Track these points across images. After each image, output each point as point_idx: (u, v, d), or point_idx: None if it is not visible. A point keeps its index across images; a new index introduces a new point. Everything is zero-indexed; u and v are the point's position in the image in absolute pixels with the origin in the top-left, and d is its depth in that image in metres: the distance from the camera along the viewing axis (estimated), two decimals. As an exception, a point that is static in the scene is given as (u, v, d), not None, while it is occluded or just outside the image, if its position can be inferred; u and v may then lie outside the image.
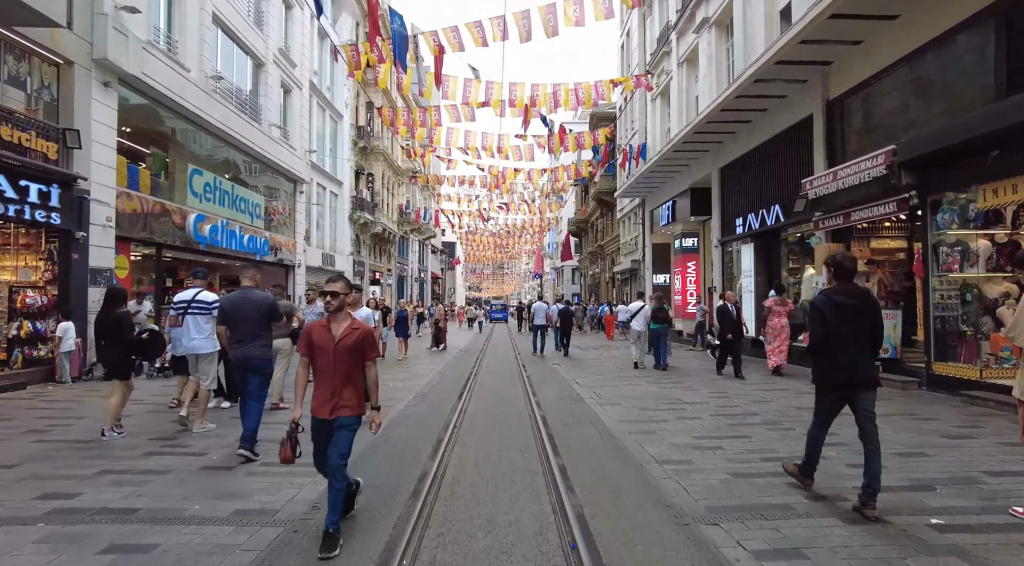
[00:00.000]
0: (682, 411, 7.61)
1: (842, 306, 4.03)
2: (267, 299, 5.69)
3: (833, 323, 4.01)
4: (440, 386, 10.18)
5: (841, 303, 4.04)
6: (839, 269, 4.17)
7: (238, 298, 5.58)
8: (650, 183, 22.90)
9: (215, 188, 16.33)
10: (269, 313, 5.62)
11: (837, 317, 4.01)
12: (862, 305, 4.07)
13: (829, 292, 4.16)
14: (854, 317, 4.03)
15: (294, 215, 22.53)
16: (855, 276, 4.24)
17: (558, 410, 7.70)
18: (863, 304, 4.08)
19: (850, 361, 4.00)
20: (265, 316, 5.57)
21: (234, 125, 16.66)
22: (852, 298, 4.07)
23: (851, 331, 4.01)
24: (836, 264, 4.19)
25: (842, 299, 4.05)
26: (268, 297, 5.78)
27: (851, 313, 4.02)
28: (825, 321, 4.04)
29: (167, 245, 14.20)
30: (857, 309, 4.04)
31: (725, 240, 16.84)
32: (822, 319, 4.05)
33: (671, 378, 10.91)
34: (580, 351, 17.74)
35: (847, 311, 4.02)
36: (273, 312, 5.68)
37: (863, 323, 4.04)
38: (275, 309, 5.73)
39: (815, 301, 4.19)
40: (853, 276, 4.20)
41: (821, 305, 4.09)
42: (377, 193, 33.99)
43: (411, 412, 7.59)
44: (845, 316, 4.02)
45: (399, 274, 42.70)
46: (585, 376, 11.36)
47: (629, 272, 28.41)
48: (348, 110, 30.58)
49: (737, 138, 15.66)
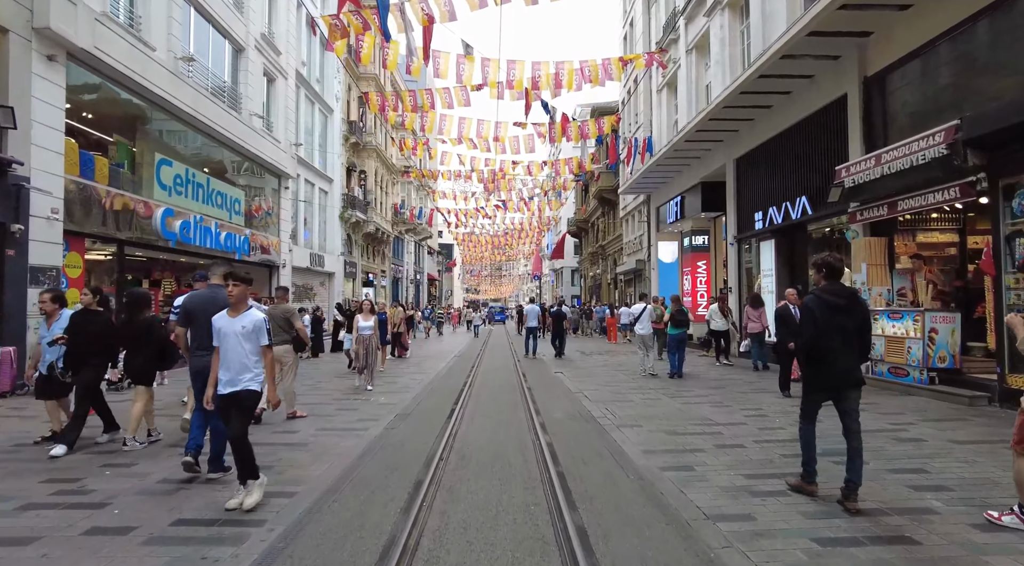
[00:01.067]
0: (717, 436, 6.30)
1: (832, 306, 4.09)
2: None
3: (823, 323, 4.07)
4: (428, 403, 8.85)
5: (831, 303, 4.10)
6: (829, 269, 4.23)
7: (205, 297, 4.96)
8: (656, 178, 21.62)
9: (187, 181, 14.99)
10: None
11: (827, 317, 4.08)
12: (851, 305, 4.12)
13: (819, 292, 4.21)
14: (843, 317, 4.08)
15: (279, 212, 21.19)
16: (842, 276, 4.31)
17: (568, 436, 6.38)
18: (851, 304, 4.13)
19: (839, 360, 4.07)
20: None
21: (209, 112, 15.33)
22: (841, 298, 4.12)
23: (840, 331, 4.07)
24: (826, 265, 4.26)
25: (831, 299, 4.11)
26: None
27: (840, 313, 4.08)
28: (815, 321, 4.09)
29: (130, 242, 12.86)
30: (846, 309, 4.10)
31: (742, 236, 15.56)
32: (812, 319, 4.10)
33: (691, 390, 9.60)
34: (584, 357, 16.43)
35: (836, 311, 4.08)
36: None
37: (851, 323, 4.09)
38: None
39: (805, 301, 4.27)
40: (841, 276, 4.27)
41: (811, 305, 4.16)
42: (370, 191, 32.66)
43: (387, 440, 6.26)
44: (834, 316, 4.07)
45: (394, 275, 41.35)
46: (594, 388, 10.05)
47: (633, 273, 27.11)
48: (339, 104, 29.26)
49: (755, 126, 14.38)
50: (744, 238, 15.52)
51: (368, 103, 14.88)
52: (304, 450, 5.80)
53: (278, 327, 7.29)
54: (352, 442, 6.10)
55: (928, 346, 8.48)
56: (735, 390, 9.56)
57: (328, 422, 7.19)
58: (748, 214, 15.11)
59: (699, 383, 10.51)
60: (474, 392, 9.73)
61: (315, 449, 5.83)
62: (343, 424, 7.06)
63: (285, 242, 21.45)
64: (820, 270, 4.30)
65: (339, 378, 11.47)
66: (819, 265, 4.32)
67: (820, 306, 4.11)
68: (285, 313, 7.51)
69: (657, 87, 23.39)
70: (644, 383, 10.61)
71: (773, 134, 13.60)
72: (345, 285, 30.48)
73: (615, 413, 7.60)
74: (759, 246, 14.78)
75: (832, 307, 4.09)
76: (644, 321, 12.24)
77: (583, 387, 10.11)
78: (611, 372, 12.60)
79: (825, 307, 4.09)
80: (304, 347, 7.70)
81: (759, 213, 14.37)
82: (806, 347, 4.16)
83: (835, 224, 12.04)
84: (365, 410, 8.02)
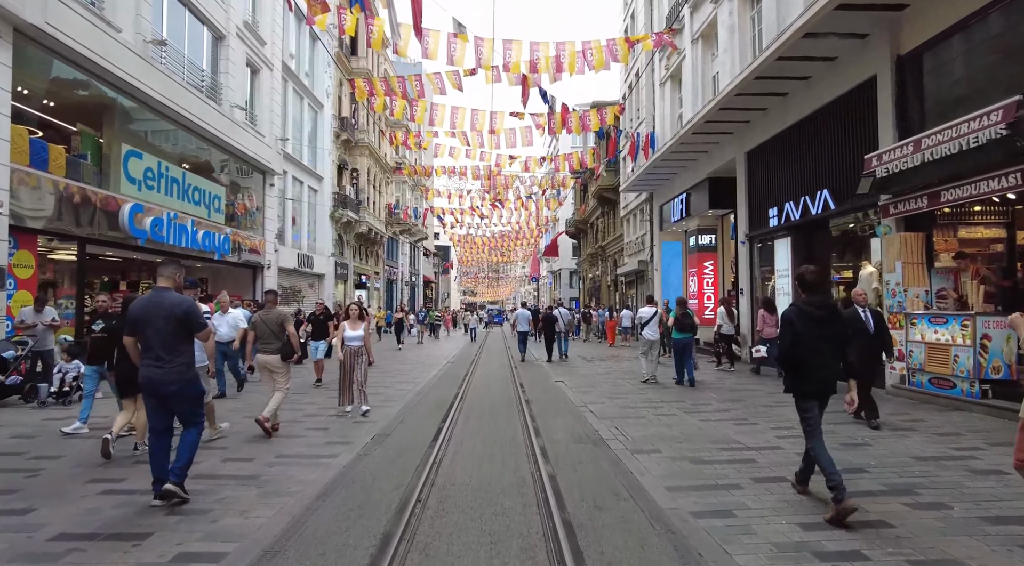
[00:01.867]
0: (751, 464, 5.29)
1: (811, 317, 4.20)
2: (182, 304, 4.41)
3: (803, 333, 4.17)
4: (412, 420, 7.82)
5: (810, 314, 4.21)
6: (803, 283, 4.39)
7: (148, 302, 4.41)
8: (660, 175, 20.63)
9: (160, 175, 13.95)
10: (186, 322, 4.38)
11: (807, 327, 4.18)
12: (830, 316, 4.25)
13: (799, 303, 4.33)
14: (823, 327, 4.19)
15: (264, 210, 20.15)
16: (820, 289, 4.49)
17: (575, 467, 5.35)
18: (831, 315, 4.26)
19: (821, 368, 4.18)
20: (180, 326, 4.35)
21: (184, 102, 14.29)
22: (820, 309, 4.23)
23: (820, 340, 4.18)
24: (799, 278, 4.43)
25: (811, 310, 4.22)
26: (185, 301, 4.48)
27: (820, 323, 4.19)
28: (796, 331, 4.20)
29: (94, 240, 11.82)
30: (825, 320, 4.21)
31: (755, 235, 14.56)
32: (792, 329, 4.22)
33: (708, 403, 8.59)
34: (586, 363, 15.41)
35: (816, 322, 4.19)
36: (191, 320, 4.41)
37: (830, 333, 4.21)
38: (193, 316, 4.43)
39: (786, 312, 4.38)
40: (819, 289, 4.41)
41: (791, 316, 4.27)
42: (362, 190, 31.64)
43: (356, 473, 5.23)
44: (814, 326, 4.18)
45: (388, 277, 40.31)
46: (599, 400, 9.03)
47: (635, 274, 26.12)
48: (329, 99, 28.25)
49: (769, 116, 13.40)
50: (757, 236, 14.53)
51: (355, 90, 13.85)
52: (254, 485, 4.76)
53: (270, 333, 6.90)
54: (314, 475, 5.06)
55: (980, 355, 7.48)
56: (756, 403, 8.55)
57: (291, 445, 6.16)
58: (761, 210, 14.11)
59: (714, 394, 9.50)
60: (466, 406, 8.70)
61: (267, 485, 4.79)
62: (308, 449, 6.03)
63: (270, 242, 20.42)
64: (799, 283, 4.45)
65: (317, 390, 10.42)
66: (796, 279, 4.51)
67: (800, 317, 4.23)
68: (278, 318, 7.05)
69: (660, 80, 22.43)
70: (655, 395, 9.59)
71: (789, 124, 12.62)
72: (336, 287, 29.44)
73: (627, 434, 6.58)
74: (773, 245, 13.78)
75: (812, 319, 4.20)
76: (653, 326, 11.47)
77: (587, 399, 9.09)
78: (616, 381, 11.58)
79: (806, 318, 4.21)
80: (292, 354, 7.02)
81: (773, 209, 13.38)
82: (786, 356, 4.27)
83: (860, 220, 11.06)
84: (338, 430, 6.99)
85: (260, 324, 6.97)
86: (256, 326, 7.03)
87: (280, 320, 6.95)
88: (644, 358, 11.72)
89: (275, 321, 6.93)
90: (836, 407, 5.03)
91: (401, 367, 14.72)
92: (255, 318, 7.22)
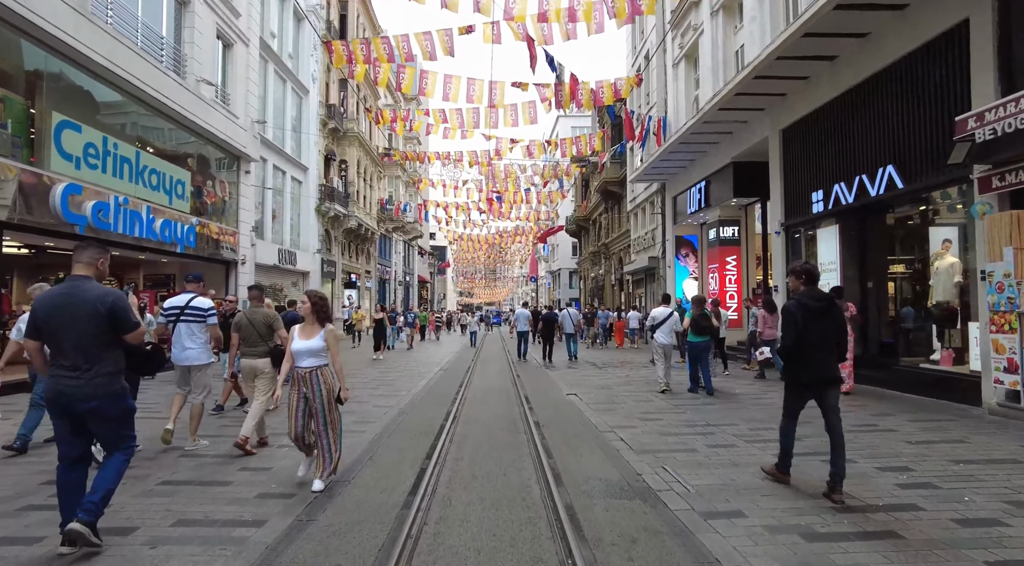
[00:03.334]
0: (898, 545, 3.40)
1: (812, 310, 4.35)
2: (106, 298, 3.49)
3: (804, 326, 4.30)
4: (384, 458, 5.92)
5: (811, 307, 4.36)
6: (808, 276, 4.55)
7: (59, 296, 3.48)
8: (674, 163, 18.80)
9: (106, 152, 12.00)
10: (110, 321, 3.47)
11: (807, 320, 4.31)
12: (829, 309, 4.39)
13: (800, 297, 4.47)
14: (822, 320, 4.33)
15: (238, 200, 18.22)
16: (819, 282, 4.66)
17: (628, 552, 3.45)
18: (830, 308, 4.40)
19: (819, 360, 4.32)
20: (104, 325, 3.46)
21: (135, 70, 12.37)
22: (820, 302, 4.42)
23: (820, 333, 4.32)
24: (805, 271, 4.58)
25: (812, 303, 4.38)
26: (110, 294, 3.55)
27: (819, 316, 4.33)
28: (797, 324, 4.32)
29: (12, 225, 9.89)
30: (825, 312, 4.36)
31: (793, 223, 12.71)
32: (795, 322, 4.34)
33: (766, 426, 6.70)
34: (598, 370, 13.52)
35: (816, 315, 4.33)
36: (117, 318, 3.49)
37: (830, 326, 4.35)
38: (120, 313, 3.50)
39: (788, 306, 4.51)
40: (818, 282, 4.63)
41: (794, 309, 4.40)
42: (351, 183, 29.71)
43: (314, 529, 3.33)
44: (814, 319, 4.32)
45: (380, 276, 38.37)
46: (629, 422, 7.16)
47: (644, 272, 24.25)
48: (316, 85, 26.35)
49: (811, 86, 11.58)
50: (795, 225, 12.68)
51: (331, 56, 11.96)
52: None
53: (257, 336, 6.19)
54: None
55: None
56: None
57: (201, 501, 4.25)
58: (801, 195, 12.26)
59: (757, 411, 7.60)
60: (458, 433, 6.79)
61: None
62: (226, 507, 4.12)
63: (246, 235, 18.49)
64: (800, 276, 4.57)
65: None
66: (798, 271, 4.61)
67: (801, 310, 4.35)
68: (265, 319, 6.32)
69: (673, 60, 20.60)
70: (695, 414, 7.69)
71: (840, 91, 10.78)
72: (324, 286, 27.50)
73: (683, 479, 4.69)
74: (815, 234, 11.94)
75: (812, 311, 4.34)
76: (666, 329, 10.04)
77: (613, 421, 7.19)
78: (640, 393, 9.69)
79: (806, 311, 4.34)
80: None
81: (818, 193, 11.53)
82: (789, 349, 4.38)
83: (936, 200, 9.23)
84: (282, 470, 5.08)
85: (246, 325, 6.18)
86: (241, 327, 6.21)
87: (268, 321, 6.25)
88: (658, 364, 10.23)
89: (262, 322, 6.21)
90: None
91: (384, 376, 12.80)
92: (239, 318, 6.37)
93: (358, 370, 13.69)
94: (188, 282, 6.37)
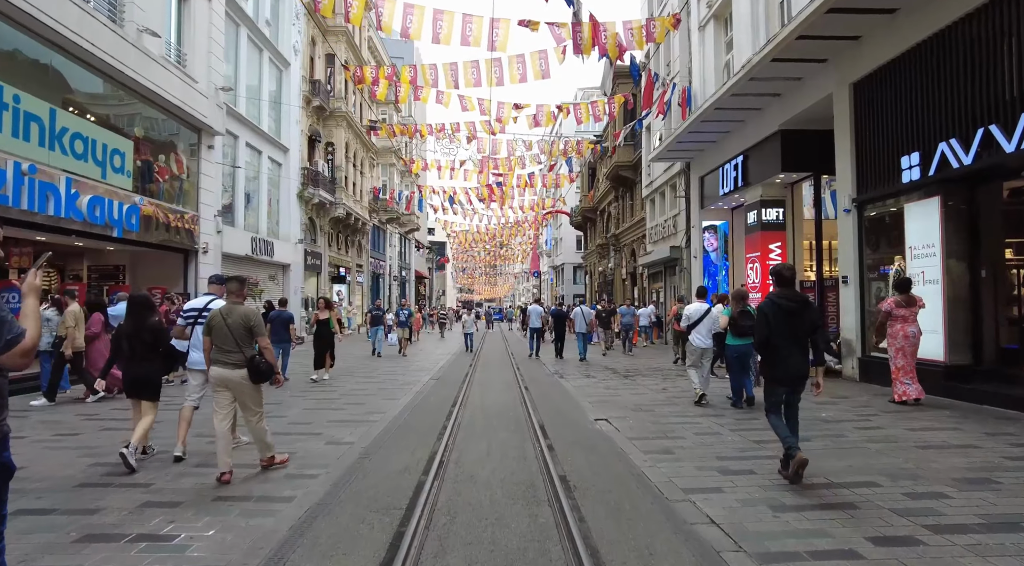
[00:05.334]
0: None
1: (785, 310, 4.51)
2: None
3: (776, 324, 4.49)
4: (375, 472, 3.42)
5: (784, 307, 4.52)
6: (779, 278, 4.69)
7: None
8: (703, 136, 16.27)
9: (2, 105, 9.47)
10: None
11: (780, 320, 4.50)
12: (801, 308, 4.55)
13: (773, 297, 4.63)
14: (794, 319, 4.51)
15: (198, 179, 15.69)
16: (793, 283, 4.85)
17: None
18: (802, 307, 4.56)
19: (792, 357, 4.50)
20: None
21: (45, 4, 9.83)
22: (793, 302, 4.57)
23: (791, 331, 4.51)
24: (775, 274, 4.72)
25: (785, 303, 4.54)
26: None
27: (791, 315, 4.51)
28: (769, 323, 4.51)
29: None
30: (796, 312, 4.51)
31: (870, 198, 10.20)
32: (766, 321, 4.53)
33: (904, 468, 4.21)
34: (622, 380, 11.02)
35: (789, 314, 4.51)
36: None
37: (802, 324, 4.53)
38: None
39: (760, 306, 4.68)
40: (792, 283, 4.79)
41: (765, 309, 4.57)
42: (339, 168, 27.18)
43: None
44: (787, 319, 4.50)
45: (374, 271, 35.88)
46: (702, 472, 4.76)
47: (663, 264, 21.73)
48: (298, 58, 23.81)
49: (898, 22, 9.08)
50: (873, 200, 10.15)
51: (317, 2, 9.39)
52: None
53: (232, 341, 4.84)
54: None
55: None
56: (945, 461, 4.19)
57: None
58: (883, 162, 9.75)
59: (895, 449, 5.10)
60: (445, 502, 4.29)
61: None
62: None
63: (209, 220, 15.98)
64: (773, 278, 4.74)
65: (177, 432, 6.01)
66: (772, 274, 4.77)
67: (773, 310, 4.52)
68: (246, 320, 4.92)
69: (699, 22, 18.03)
70: (758, 440, 5.17)
71: (942, 25, 8.28)
72: (308, 280, 25.02)
73: None
74: (902, 210, 9.41)
75: (786, 311, 4.50)
76: (703, 329, 8.37)
77: (678, 475, 4.71)
78: (694, 417, 7.18)
79: (779, 311, 4.51)
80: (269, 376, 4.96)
81: (910, 157, 9.01)
82: (761, 346, 4.60)
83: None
84: None
85: (219, 326, 4.89)
86: (214, 329, 4.91)
87: (247, 323, 4.92)
88: (694, 371, 8.44)
89: (241, 323, 4.88)
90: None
91: (357, 392, 10.31)
92: (213, 318, 5.00)
93: (299, 387, 11.17)
94: (211, 284, 6.04)
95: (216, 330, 4.91)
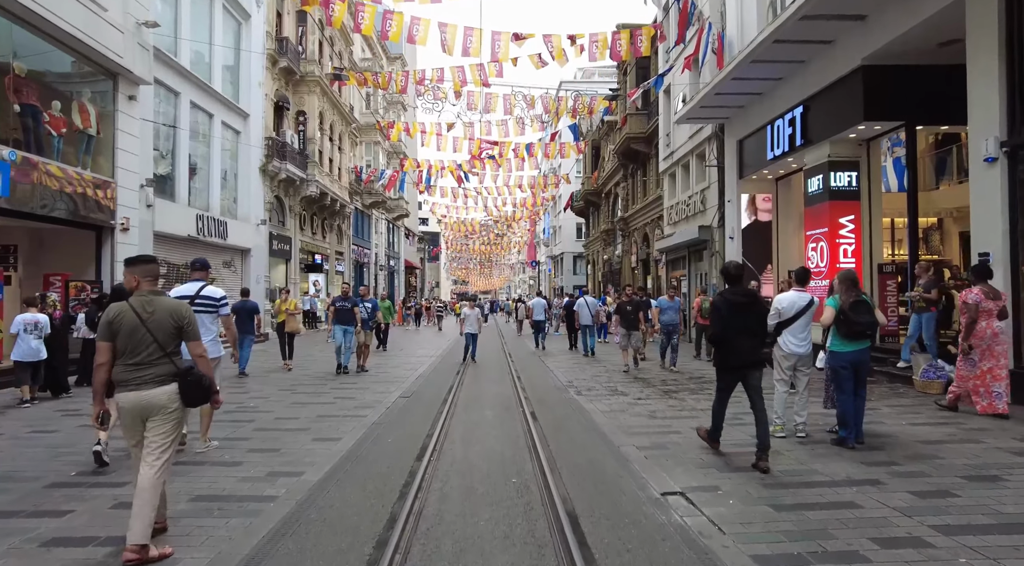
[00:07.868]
0: None
1: (736, 304, 4.88)
2: None
3: (728, 318, 4.84)
4: None
5: (735, 302, 4.89)
6: (727, 276, 5.20)
7: None
8: (746, 87, 13.12)
9: None
10: None
11: (732, 313, 4.84)
12: (751, 303, 4.97)
13: (725, 293, 5.08)
14: (746, 313, 4.85)
15: (114, 137, 12.41)
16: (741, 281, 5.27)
17: None
18: (752, 302, 4.98)
19: (744, 347, 4.81)
20: None
21: None
22: (743, 297, 4.98)
23: (743, 323, 4.81)
24: (724, 273, 5.28)
25: (737, 299, 4.92)
26: None
27: (742, 309, 4.85)
28: (722, 316, 4.90)
29: None
30: (747, 306, 4.89)
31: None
32: (720, 315, 4.94)
33: None
34: (672, 405, 7.90)
35: (740, 308, 4.86)
36: None
37: (752, 317, 4.89)
38: None
39: (714, 300, 5.29)
40: (740, 281, 5.23)
41: (719, 303, 5.03)
42: (312, 140, 23.85)
43: None
44: (738, 312, 4.83)
45: (357, 259, 32.62)
46: None
47: (686, 248, 18.59)
48: (261, 11, 20.44)
49: None
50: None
51: None
52: None
53: (155, 347, 3.37)
54: None
55: None
56: None
57: None
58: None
59: None
60: None
61: None
62: None
63: (131, 189, 12.73)
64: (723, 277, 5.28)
65: None
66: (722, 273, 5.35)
67: (726, 305, 4.91)
68: (175, 317, 3.45)
69: (736, -46, 14.82)
70: None
71: None
72: (274, 268, 21.78)
73: None
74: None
75: (736, 305, 4.87)
76: (802, 326, 5.67)
77: None
78: (805, 468, 4.06)
79: (730, 306, 4.88)
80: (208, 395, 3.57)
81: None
82: (715, 338, 5.05)
83: None
84: None
85: (131, 328, 3.34)
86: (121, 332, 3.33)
87: (179, 321, 3.43)
88: (780, 386, 5.78)
89: (171, 323, 3.40)
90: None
91: (297, 412, 7.16)
92: (116, 314, 3.37)
93: (230, 402, 8.00)
94: (194, 270, 5.60)
95: (126, 333, 3.34)
